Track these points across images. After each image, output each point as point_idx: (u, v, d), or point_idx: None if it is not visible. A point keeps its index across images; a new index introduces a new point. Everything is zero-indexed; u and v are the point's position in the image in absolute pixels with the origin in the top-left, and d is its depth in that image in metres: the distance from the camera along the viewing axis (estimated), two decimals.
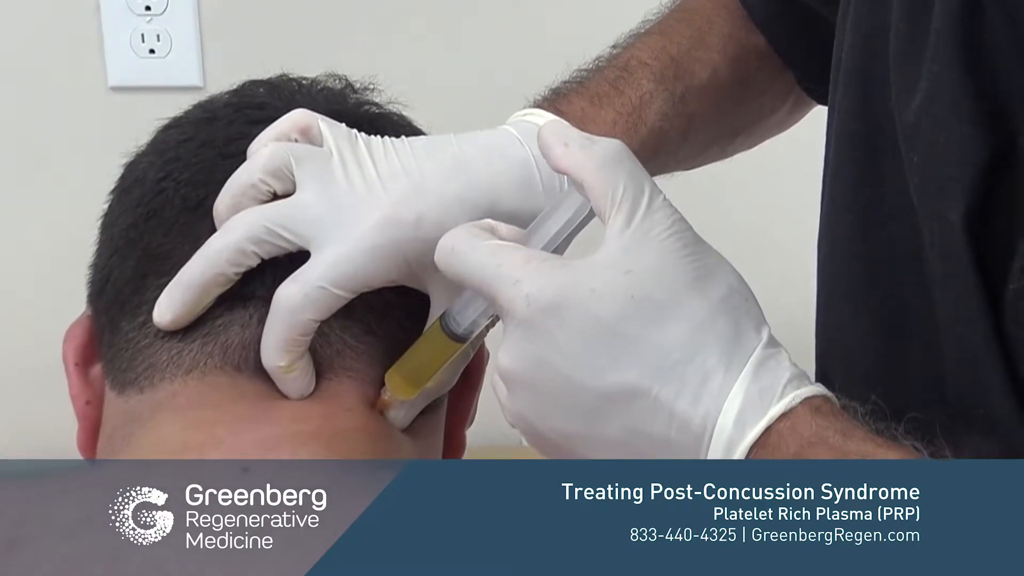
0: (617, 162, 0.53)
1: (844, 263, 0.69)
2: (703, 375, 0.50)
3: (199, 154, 0.61)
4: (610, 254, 0.51)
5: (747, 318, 0.52)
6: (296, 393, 0.57)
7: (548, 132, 0.54)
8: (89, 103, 1.35)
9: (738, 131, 0.87)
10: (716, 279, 0.52)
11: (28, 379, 1.34)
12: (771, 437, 0.50)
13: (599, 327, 0.50)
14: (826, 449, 0.49)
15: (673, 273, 0.51)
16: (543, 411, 0.52)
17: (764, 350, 0.51)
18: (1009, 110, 0.57)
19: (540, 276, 0.51)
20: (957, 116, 0.58)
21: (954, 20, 0.58)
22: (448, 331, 0.57)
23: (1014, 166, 0.57)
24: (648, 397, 0.50)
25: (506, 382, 0.53)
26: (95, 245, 0.64)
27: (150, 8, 1.33)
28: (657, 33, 0.82)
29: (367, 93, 0.67)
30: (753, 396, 0.50)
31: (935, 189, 0.60)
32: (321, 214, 0.57)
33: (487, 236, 0.54)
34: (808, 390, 0.51)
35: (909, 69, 0.61)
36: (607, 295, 0.50)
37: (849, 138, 0.68)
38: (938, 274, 0.60)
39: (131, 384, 0.58)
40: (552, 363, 0.51)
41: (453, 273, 0.54)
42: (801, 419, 0.50)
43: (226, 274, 0.57)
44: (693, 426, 0.50)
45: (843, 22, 0.69)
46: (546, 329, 0.51)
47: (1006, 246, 0.56)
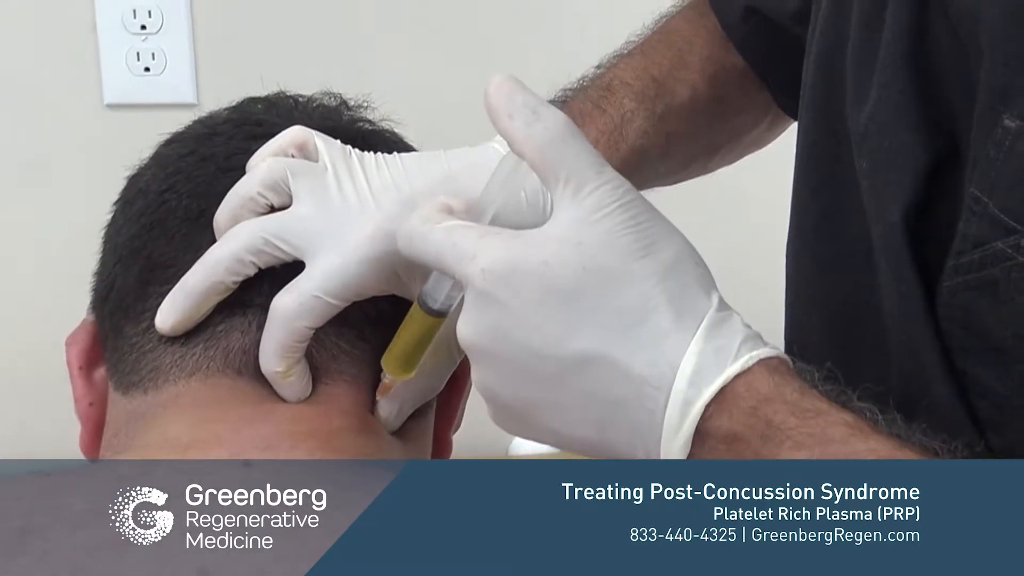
0: (561, 141, 0.53)
1: (806, 266, 0.70)
2: (657, 336, 0.50)
3: (200, 168, 0.63)
4: (560, 226, 0.52)
5: (697, 283, 0.52)
6: (293, 397, 0.59)
7: (495, 96, 0.54)
8: (85, 120, 1.35)
9: (718, 148, 0.88)
10: (665, 246, 0.52)
11: (24, 389, 1.35)
12: (727, 395, 0.50)
13: (553, 297, 0.51)
14: (783, 404, 0.50)
15: (622, 242, 0.51)
16: (504, 380, 0.52)
17: (717, 312, 0.52)
18: (951, 118, 0.58)
19: (493, 249, 0.52)
20: (901, 123, 0.60)
21: (902, 32, 0.60)
22: (426, 308, 0.58)
23: (955, 171, 0.58)
24: (605, 361, 0.51)
25: (469, 353, 0.53)
26: (98, 255, 0.65)
27: (145, 27, 1.34)
28: (639, 54, 0.83)
29: (361, 110, 0.69)
30: (708, 355, 0.50)
31: (879, 192, 0.61)
32: (316, 226, 0.58)
33: (442, 217, 0.55)
34: (764, 351, 0.51)
35: (862, 79, 0.63)
36: (559, 265, 0.51)
37: (811, 147, 0.70)
38: (883, 273, 0.62)
39: (135, 386, 0.60)
40: (510, 333, 0.51)
41: (415, 257, 0.55)
42: (758, 377, 0.50)
43: (225, 282, 0.58)
44: (649, 387, 0.50)
45: (811, 38, 0.71)
46: (502, 300, 0.51)
47: (943, 246, 0.58)
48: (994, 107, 0.54)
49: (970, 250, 0.56)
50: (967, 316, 0.57)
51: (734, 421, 0.50)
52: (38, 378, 1.10)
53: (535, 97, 0.54)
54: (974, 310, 0.57)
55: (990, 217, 0.55)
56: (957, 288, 0.57)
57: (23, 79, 1.34)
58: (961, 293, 0.57)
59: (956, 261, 0.57)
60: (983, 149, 0.55)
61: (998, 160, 0.54)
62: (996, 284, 0.55)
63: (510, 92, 0.53)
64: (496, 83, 0.54)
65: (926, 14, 0.59)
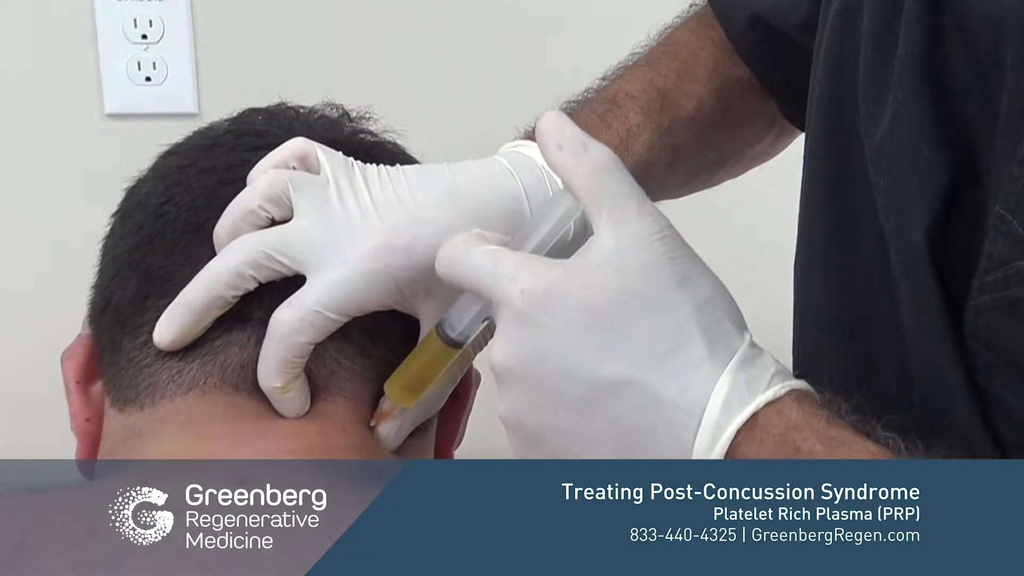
0: (607, 171, 0.54)
1: (817, 279, 0.70)
2: (690, 365, 0.51)
3: (200, 180, 0.62)
4: (601, 253, 0.52)
5: (730, 319, 0.53)
6: (291, 412, 0.58)
7: (546, 128, 0.56)
8: (86, 130, 1.34)
9: (724, 160, 0.88)
10: (700, 281, 0.53)
11: (22, 401, 1.34)
12: (758, 421, 0.50)
13: (590, 319, 0.51)
14: (811, 433, 0.50)
15: (661, 273, 0.52)
16: (534, 404, 0.52)
17: (749, 348, 0.52)
18: (970, 134, 0.58)
19: (533, 272, 0.53)
20: (920, 140, 0.59)
21: (918, 49, 0.60)
22: (444, 337, 0.58)
23: (975, 188, 0.58)
24: (637, 386, 0.51)
25: (499, 377, 0.53)
26: (96, 267, 0.64)
27: (146, 36, 1.33)
28: (644, 66, 0.83)
29: (363, 122, 0.68)
30: (740, 384, 0.51)
31: (899, 210, 0.61)
32: (317, 240, 0.58)
33: (481, 242, 0.55)
34: (794, 383, 0.52)
35: (876, 95, 0.63)
36: (598, 289, 0.51)
37: (820, 160, 0.70)
38: (903, 291, 0.61)
39: (132, 402, 0.59)
40: (544, 354, 0.52)
41: (452, 278, 0.55)
42: (788, 406, 0.51)
43: (225, 297, 0.58)
44: (681, 414, 0.51)
45: (817, 49, 0.70)
46: (539, 321, 0.52)
47: (967, 264, 0.57)
48: (1018, 125, 0.54)
49: (995, 269, 0.56)
50: (992, 335, 0.57)
51: (764, 448, 0.50)
52: (35, 391, 1.10)
53: (583, 132, 0.55)
54: (999, 330, 0.56)
55: (1014, 236, 0.54)
56: (982, 307, 0.57)
57: (23, 88, 1.34)
58: (986, 312, 0.57)
59: (982, 280, 0.57)
60: (1007, 167, 0.55)
61: (1022, 179, 0.54)
62: (1019, 304, 0.55)
63: (560, 126, 0.55)
64: (548, 117, 0.56)
65: (940, 30, 0.59)
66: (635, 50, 0.86)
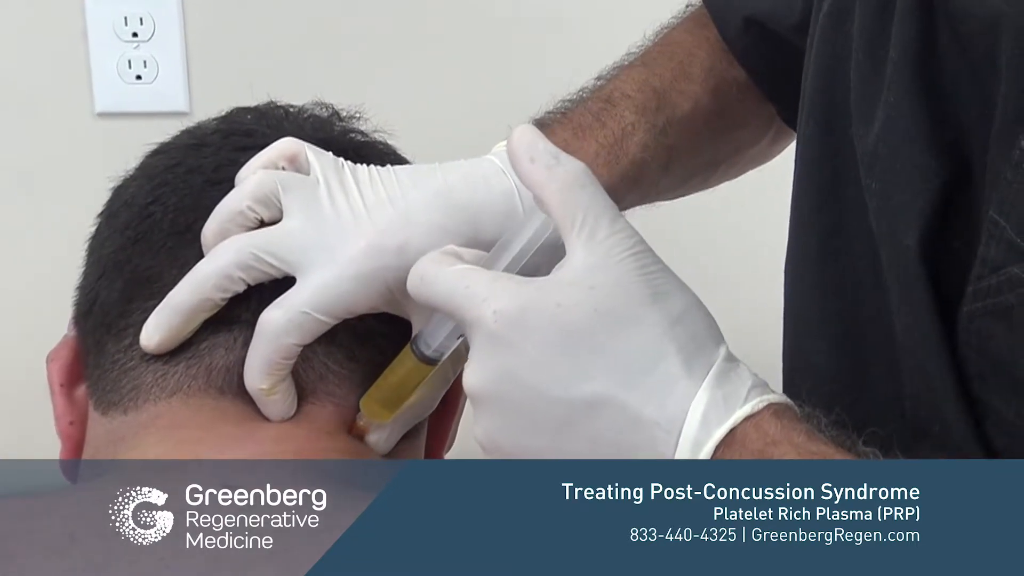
0: (579, 186, 0.53)
1: (808, 285, 0.70)
2: (667, 382, 0.51)
3: (187, 180, 0.61)
4: (573, 271, 0.52)
5: (706, 333, 0.53)
6: (277, 415, 0.58)
7: (517, 142, 0.55)
8: (76, 129, 1.34)
9: (719, 162, 0.87)
10: (674, 297, 0.52)
11: (10, 402, 1.33)
12: (736, 436, 0.50)
13: (565, 338, 0.51)
14: (790, 447, 0.50)
15: (634, 289, 0.51)
16: (510, 427, 0.52)
17: (725, 362, 0.52)
18: (963, 137, 0.58)
19: (506, 292, 0.52)
20: (913, 144, 0.59)
21: (910, 52, 0.59)
22: (419, 354, 0.58)
23: (968, 192, 0.58)
24: (614, 404, 0.51)
25: (474, 400, 0.53)
26: (82, 267, 0.64)
27: (137, 34, 1.33)
28: (640, 65, 0.82)
29: (353, 121, 0.68)
30: (718, 400, 0.51)
31: (892, 214, 0.61)
32: (307, 241, 0.57)
33: (453, 261, 0.55)
34: (772, 396, 0.52)
35: (868, 98, 0.62)
36: (571, 307, 0.51)
37: (811, 164, 0.69)
38: (895, 296, 0.61)
39: (115, 405, 0.59)
40: (519, 376, 0.51)
41: (423, 298, 0.55)
42: (766, 420, 0.51)
43: (213, 299, 0.57)
44: (659, 431, 0.50)
45: (809, 52, 0.70)
46: (513, 342, 0.51)
47: (960, 270, 0.57)
48: (1012, 128, 0.54)
49: (988, 275, 0.55)
50: (984, 342, 0.57)
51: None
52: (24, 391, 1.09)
53: (555, 147, 0.55)
54: (991, 336, 0.56)
55: (1007, 241, 0.54)
56: (975, 313, 0.56)
57: (13, 87, 1.34)
58: (979, 319, 0.56)
59: (975, 286, 0.56)
60: (1000, 171, 0.54)
61: (1015, 183, 0.53)
62: (1012, 310, 0.54)
63: (532, 139, 0.55)
64: (520, 130, 0.55)
65: (933, 32, 0.59)
66: (631, 50, 0.85)
